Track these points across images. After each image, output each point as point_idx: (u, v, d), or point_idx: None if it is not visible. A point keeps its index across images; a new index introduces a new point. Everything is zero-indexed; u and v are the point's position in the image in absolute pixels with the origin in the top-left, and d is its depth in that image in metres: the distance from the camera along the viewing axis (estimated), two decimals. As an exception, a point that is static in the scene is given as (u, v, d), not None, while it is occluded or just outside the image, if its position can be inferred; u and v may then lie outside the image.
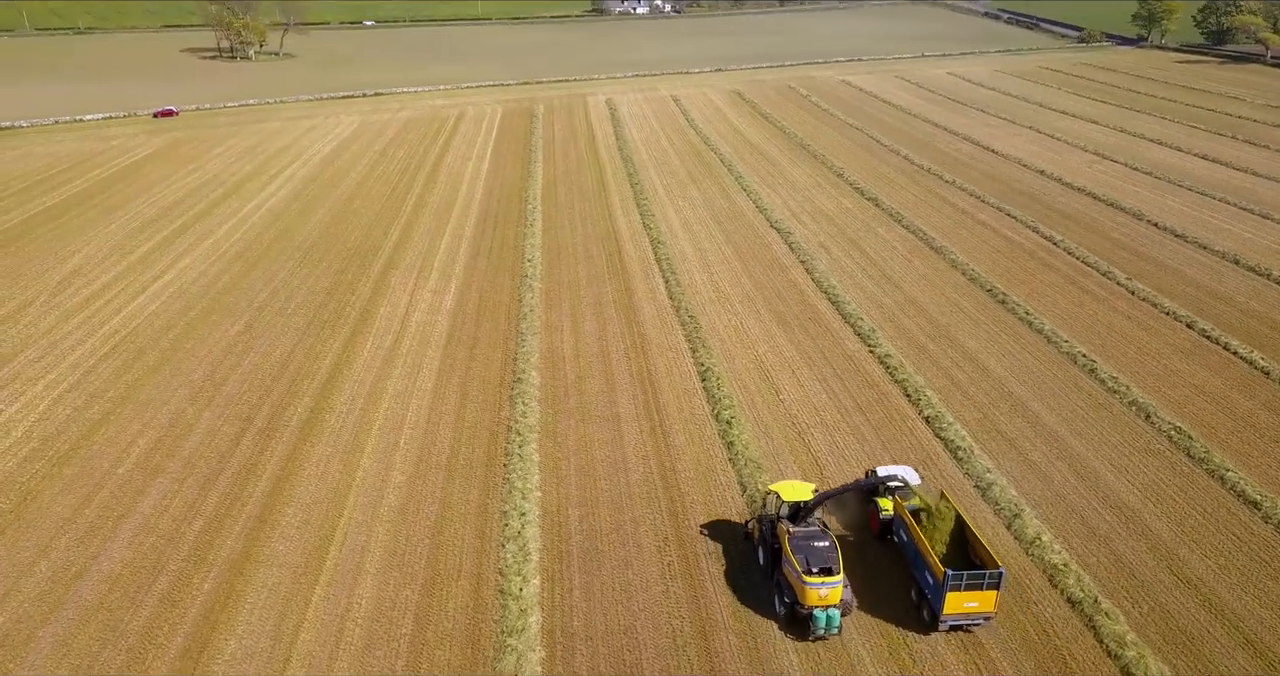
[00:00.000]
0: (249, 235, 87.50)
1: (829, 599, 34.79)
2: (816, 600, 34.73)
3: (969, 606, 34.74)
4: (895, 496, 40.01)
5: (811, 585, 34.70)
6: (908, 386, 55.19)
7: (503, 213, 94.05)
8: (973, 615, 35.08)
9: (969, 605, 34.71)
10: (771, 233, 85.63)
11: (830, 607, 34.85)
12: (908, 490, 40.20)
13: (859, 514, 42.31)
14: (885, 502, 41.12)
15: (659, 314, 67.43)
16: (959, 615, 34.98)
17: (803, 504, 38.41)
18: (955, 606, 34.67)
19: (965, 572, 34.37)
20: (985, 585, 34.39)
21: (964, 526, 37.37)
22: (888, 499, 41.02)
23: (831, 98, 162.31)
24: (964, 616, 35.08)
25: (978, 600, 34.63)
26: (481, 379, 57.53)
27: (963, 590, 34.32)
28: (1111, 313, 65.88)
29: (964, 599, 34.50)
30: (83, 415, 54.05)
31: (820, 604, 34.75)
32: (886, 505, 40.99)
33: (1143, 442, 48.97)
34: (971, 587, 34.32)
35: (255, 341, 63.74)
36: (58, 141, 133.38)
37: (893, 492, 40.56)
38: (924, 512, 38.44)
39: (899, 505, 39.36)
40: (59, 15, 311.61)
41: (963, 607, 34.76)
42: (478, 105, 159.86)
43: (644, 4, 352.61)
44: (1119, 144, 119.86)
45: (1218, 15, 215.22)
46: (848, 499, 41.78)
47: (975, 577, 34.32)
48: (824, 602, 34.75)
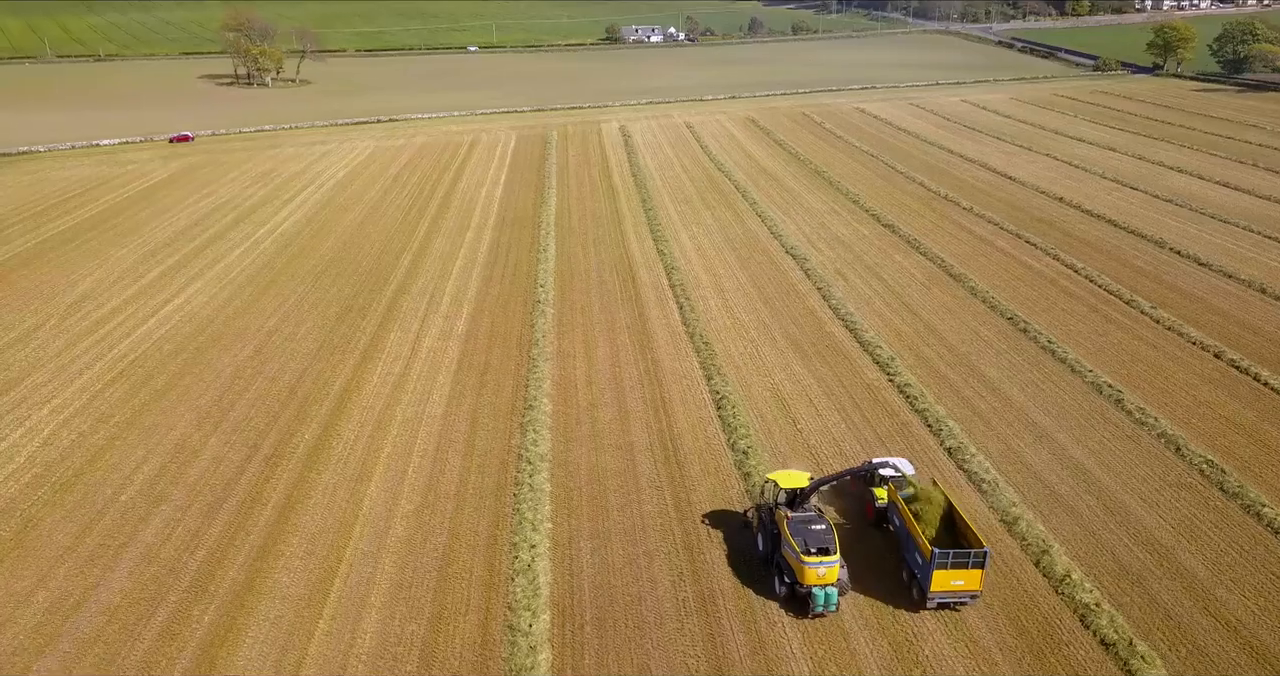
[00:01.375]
0: (260, 260, 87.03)
1: (827, 577, 36.68)
2: (815, 579, 36.55)
3: (956, 584, 36.63)
4: (890, 484, 41.93)
5: (810, 564, 36.50)
6: (929, 417, 53.80)
7: (516, 238, 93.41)
8: (959, 593, 36.93)
9: (956, 583, 36.59)
10: (787, 259, 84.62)
11: (828, 586, 36.74)
12: (902, 479, 42.02)
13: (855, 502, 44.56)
14: (880, 492, 43.14)
15: (673, 340, 66.33)
16: (946, 593, 36.88)
17: (799, 490, 40.34)
18: (943, 584, 36.58)
19: (951, 551, 36.24)
20: (971, 563, 36.26)
21: (954, 512, 39.26)
22: (882, 488, 43.01)
23: (846, 125, 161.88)
24: (951, 594, 36.95)
25: (964, 578, 36.49)
26: (492, 406, 56.45)
27: (949, 568, 36.17)
28: (1137, 342, 64.40)
29: (951, 577, 36.39)
30: (87, 440, 53.21)
31: (819, 582, 36.62)
32: (881, 494, 43.08)
33: (1174, 476, 47.37)
34: (958, 566, 36.18)
35: (264, 366, 62.92)
36: (74, 166, 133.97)
37: (887, 481, 42.47)
38: (916, 498, 40.04)
39: (893, 492, 41.21)
40: (81, 43, 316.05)
41: (950, 585, 36.64)
42: (492, 131, 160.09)
43: (658, 33, 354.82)
44: (1138, 171, 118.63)
45: (1234, 44, 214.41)
46: (844, 488, 44.60)
47: (961, 556, 36.20)
48: (822, 581, 36.64)
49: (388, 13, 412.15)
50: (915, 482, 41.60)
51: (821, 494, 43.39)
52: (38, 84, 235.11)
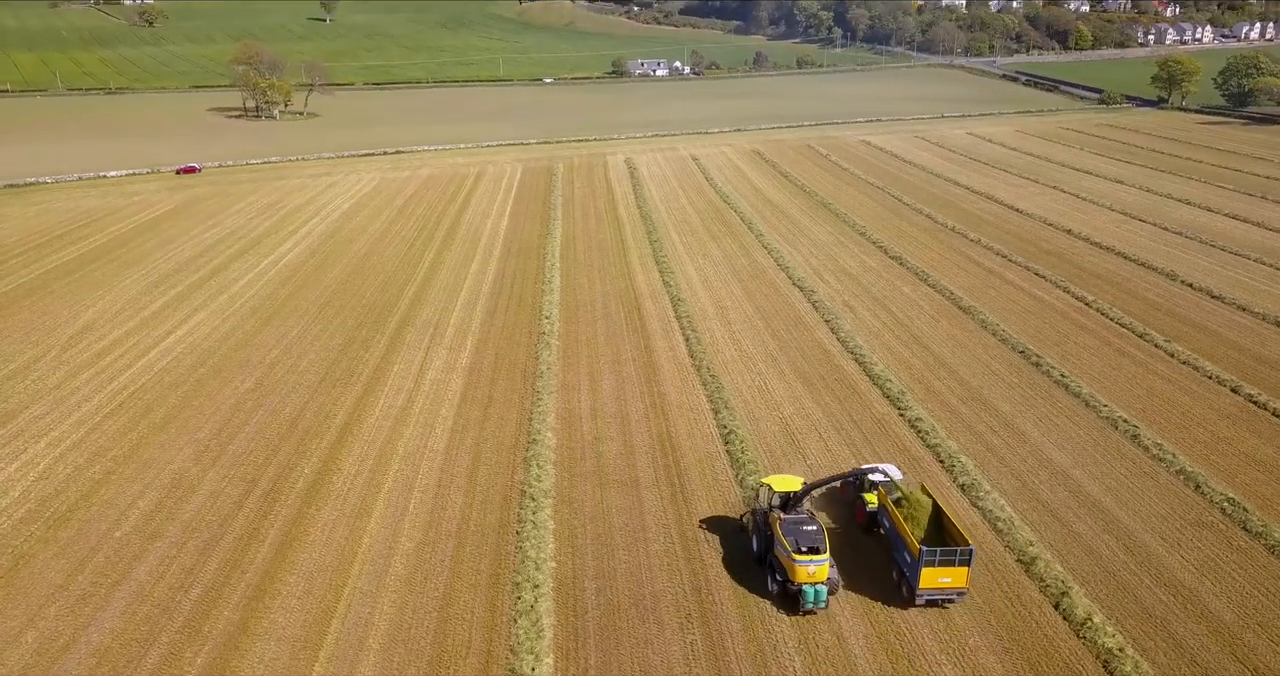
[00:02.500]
0: (264, 291, 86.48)
1: (816, 576, 38.10)
2: (805, 577, 38.00)
3: (943, 582, 38.16)
4: (879, 489, 44.04)
5: (800, 563, 37.98)
6: (941, 452, 52.70)
7: (521, 270, 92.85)
8: (946, 590, 38.44)
9: (943, 580, 38.12)
10: (794, 291, 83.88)
11: (818, 584, 38.11)
12: (891, 484, 43.66)
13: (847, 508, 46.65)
14: (870, 496, 44.94)
15: (679, 373, 65.41)
16: (934, 590, 38.37)
17: (792, 494, 41.98)
18: (931, 581, 38.08)
19: (939, 549, 37.96)
20: (957, 561, 37.91)
21: (941, 514, 41.16)
22: (872, 493, 44.82)
23: (851, 157, 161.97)
24: (939, 591, 38.42)
25: (951, 576, 38.03)
26: (495, 440, 55.45)
27: (937, 565, 37.68)
28: (1151, 376, 63.36)
29: (939, 574, 37.89)
30: (84, 474, 52.22)
31: (809, 580, 38.04)
32: (871, 498, 44.87)
33: (1194, 515, 46.16)
34: (945, 563, 37.74)
35: (265, 399, 62.04)
36: (80, 197, 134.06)
37: (876, 486, 44.45)
38: (904, 501, 41.82)
39: (882, 496, 43.38)
40: (91, 75, 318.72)
41: (937, 582, 38.15)
42: (497, 163, 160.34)
43: (663, 66, 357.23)
44: (1146, 204, 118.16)
45: (1238, 77, 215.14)
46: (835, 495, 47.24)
47: (948, 553, 37.85)
48: (812, 579, 38.06)
49: (395, 47, 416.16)
50: (904, 487, 43.37)
51: (814, 500, 45.27)
52: (48, 116, 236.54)
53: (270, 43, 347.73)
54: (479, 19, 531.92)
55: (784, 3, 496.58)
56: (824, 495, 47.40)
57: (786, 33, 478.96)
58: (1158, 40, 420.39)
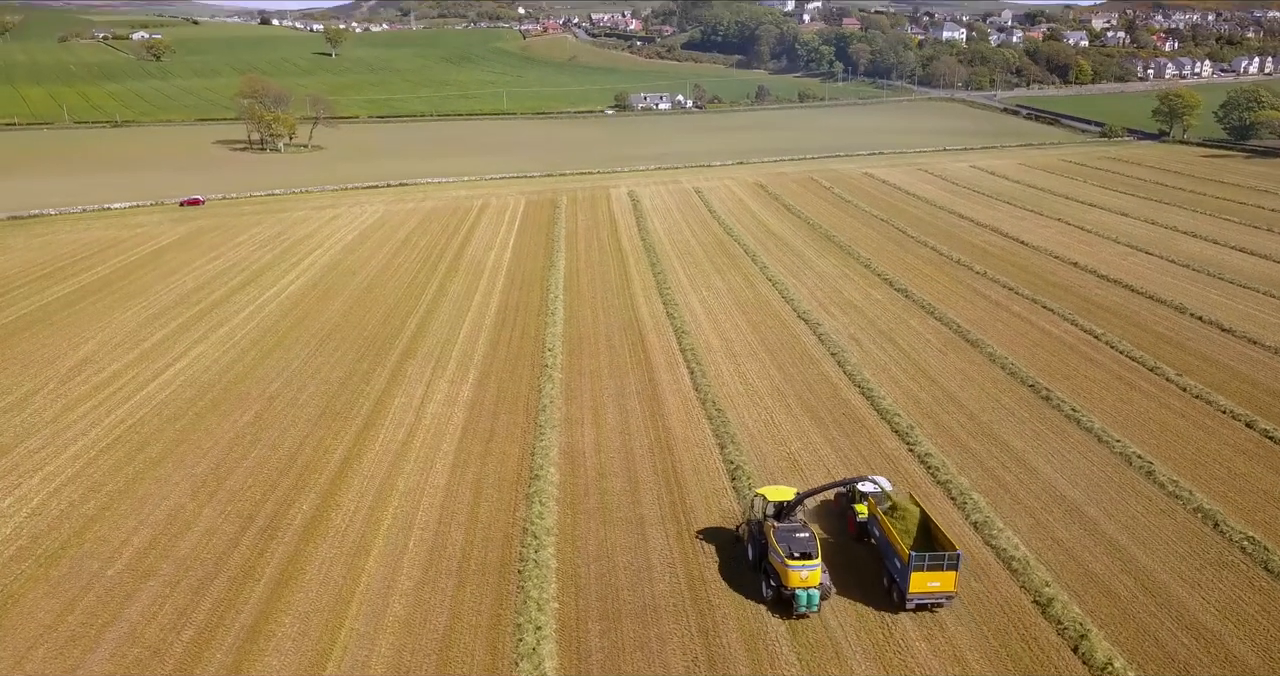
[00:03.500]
0: (265, 323, 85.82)
1: (809, 580, 39.68)
2: (798, 581, 39.58)
3: (932, 586, 39.54)
4: (870, 499, 45.36)
5: (793, 567, 39.58)
6: (952, 488, 51.63)
7: (524, 302, 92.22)
8: (936, 594, 39.82)
9: (932, 585, 39.51)
10: (800, 323, 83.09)
11: (810, 589, 39.68)
12: (882, 495, 45.37)
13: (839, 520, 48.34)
14: (861, 507, 46.43)
15: (684, 407, 64.47)
16: (924, 594, 39.75)
17: (785, 503, 43.51)
18: (920, 586, 39.49)
19: (927, 554, 39.17)
20: (945, 566, 39.22)
21: (929, 522, 42.68)
22: (863, 504, 46.27)
23: (855, 190, 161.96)
24: (928, 595, 39.82)
25: (940, 580, 39.42)
26: (497, 475, 54.45)
27: (925, 570, 39.04)
28: (1164, 410, 62.35)
29: (928, 579, 39.29)
30: (78, 510, 51.24)
31: (801, 585, 39.62)
32: (862, 509, 46.34)
33: (1214, 554, 45.00)
34: (934, 568, 39.08)
35: (264, 433, 61.13)
36: (84, 229, 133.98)
37: (867, 497, 45.80)
38: (894, 510, 43.53)
39: (873, 506, 44.84)
40: (98, 109, 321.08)
41: (927, 587, 39.53)
42: (501, 196, 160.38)
43: (666, 100, 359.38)
44: (1152, 236, 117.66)
45: (1239, 111, 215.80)
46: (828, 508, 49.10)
47: (936, 558, 39.16)
48: (804, 584, 39.64)
49: (400, 81, 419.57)
50: (894, 497, 45.12)
51: (808, 512, 46.92)
52: (53, 149, 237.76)
53: (276, 77, 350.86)
54: (483, 54, 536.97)
55: (785, 37, 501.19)
56: (817, 508, 49.45)
57: (788, 67, 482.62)
58: (1157, 74, 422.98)
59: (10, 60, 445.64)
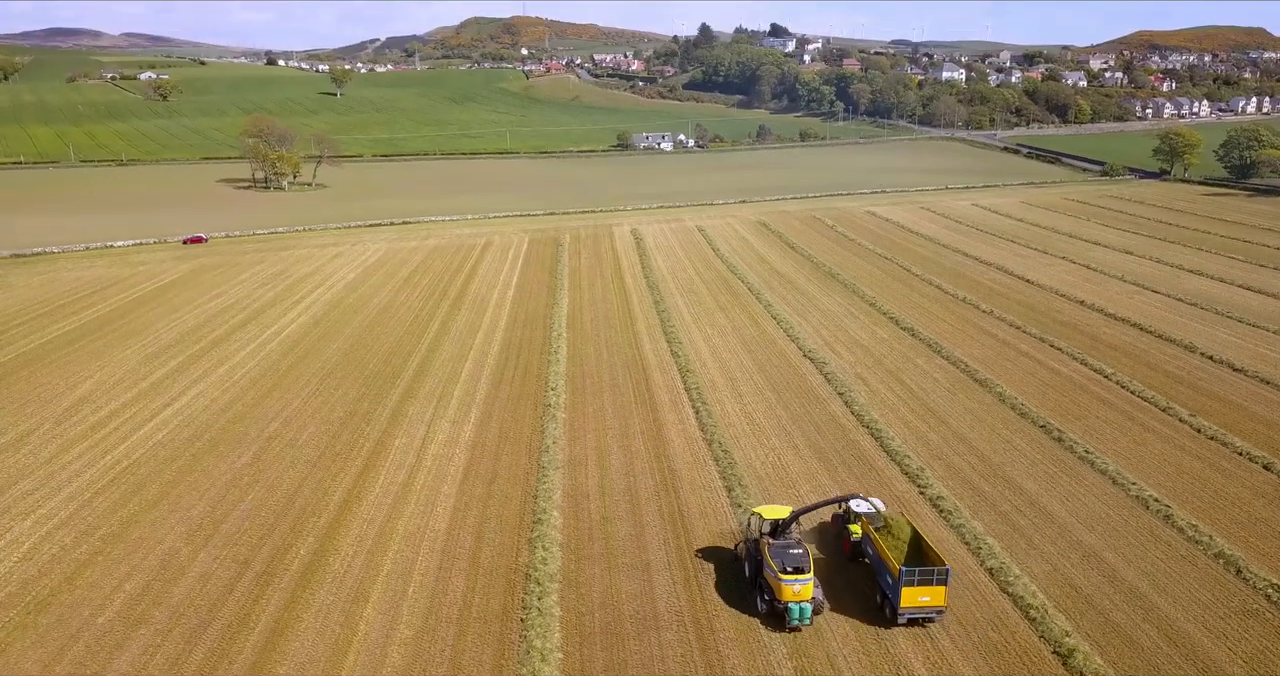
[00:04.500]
0: (266, 362, 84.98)
1: (801, 594, 41.01)
2: (791, 595, 40.93)
3: (923, 600, 40.63)
4: (863, 519, 46.59)
5: (786, 581, 40.99)
6: (965, 533, 50.38)
7: (527, 340, 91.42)
8: (927, 609, 40.87)
9: (923, 599, 40.62)
10: (805, 362, 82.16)
11: (802, 602, 40.91)
12: (876, 515, 46.28)
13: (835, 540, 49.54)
14: (855, 527, 47.67)
15: (690, 447, 63.35)
16: (915, 608, 40.83)
17: (780, 521, 44.94)
18: (911, 600, 40.58)
19: (918, 568, 40.38)
20: (935, 580, 40.35)
21: (920, 539, 43.95)
22: (857, 524, 47.46)
23: (858, 228, 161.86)
24: (919, 610, 40.85)
25: (930, 595, 40.55)
26: (499, 518, 53.24)
27: (916, 585, 40.19)
28: (1179, 452, 61.18)
29: (918, 593, 40.41)
30: (70, 555, 50.04)
31: (794, 599, 40.92)
32: (856, 529, 47.54)
33: (1238, 602, 43.65)
34: (924, 582, 40.24)
35: (262, 474, 60.01)
36: (86, 267, 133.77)
37: (860, 517, 46.94)
38: (886, 528, 44.93)
39: (865, 525, 46.14)
40: (105, 147, 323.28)
41: (918, 601, 40.63)
42: (504, 234, 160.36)
43: (668, 140, 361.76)
44: (1158, 274, 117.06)
45: (1240, 150, 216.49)
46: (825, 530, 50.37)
47: (926, 573, 40.33)
48: (797, 598, 40.93)
49: (405, 120, 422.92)
50: (887, 516, 46.35)
51: (806, 534, 48.94)
52: (59, 188, 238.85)
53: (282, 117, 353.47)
54: (487, 94, 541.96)
55: (786, 78, 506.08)
56: (815, 529, 50.93)
57: (789, 107, 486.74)
58: (1155, 114, 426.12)
59: (19, 100, 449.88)
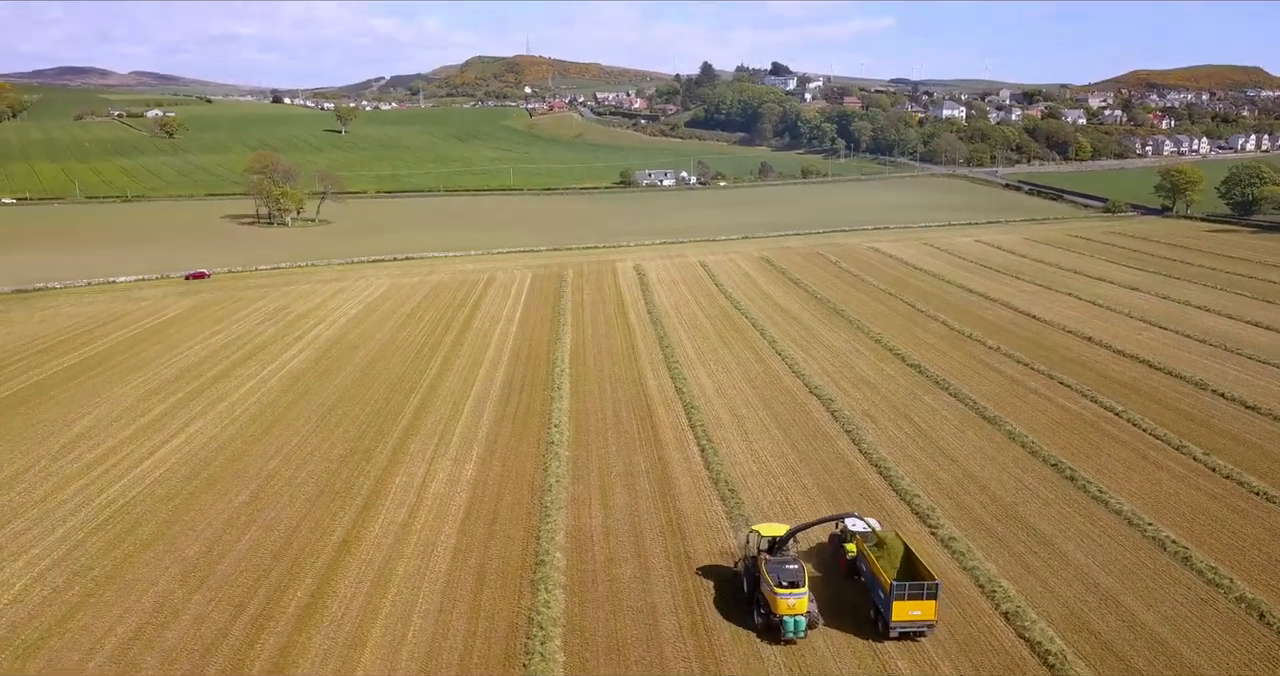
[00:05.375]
0: (266, 398, 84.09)
1: (796, 608, 42.45)
2: (785, 609, 42.40)
3: (914, 615, 42.24)
4: (858, 537, 48.15)
5: (781, 595, 42.50)
6: (979, 575, 49.14)
7: (530, 376, 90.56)
8: (918, 623, 42.44)
9: (914, 613, 42.21)
10: (812, 399, 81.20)
11: (797, 616, 42.37)
12: (871, 534, 47.74)
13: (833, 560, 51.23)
14: (851, 546, 49.41)
15: (696, 486, 62.24)
16: (906, 622, 42.37)
17: (777, 538, 46.59)
18: (902, 614, 42.19)
19: (908, 583, 42.07)
20: (925, 595, 41.97)
21: (912, 557, 45.22)
22: (852, 543, 49.18)
23: (861, 264, 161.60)
24: (910, 624, 42.39)
25: (920, 609, 42.15)
26: (501, 560, 52.06)
27: (907, 599, 41.76)
28: (1194, 492, 60.02)
29: (909, 607, 41.98)
30: (61, 596, 48.85)
31: (789, 612, 42.40)
32: (852, 548, 49.25)
33: (1262, 648, 42.38)
34: (914, 597, 41.81)
35: (259, 514, 58.89)
36: (88, 302, 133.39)
37: (855, 536, 48.67)
38: (880, 546, 46.37)
39: (860, 544, 47.69)
40: (110, 184, 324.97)
41: (909, 615, 42.21)
42: (507, 270, 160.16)
43: (670, 176, 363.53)
44: (1165, 311, 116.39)
45: (1242, 186, 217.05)
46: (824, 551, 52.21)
47: (916, 587, 41.97)
48: (791, 611, 42.42)
49: (408, 157, 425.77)
50: (881, 534, 47.67)
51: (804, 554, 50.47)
52: (63, 223, 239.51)
53: (287, 153, 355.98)
54: (491, 131, 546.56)
55: (787, 115, 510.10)
56: (813, 549, 52.57)
57: (790, 144, 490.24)
58: (1155, 151, 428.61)
59: (27, 138, 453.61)
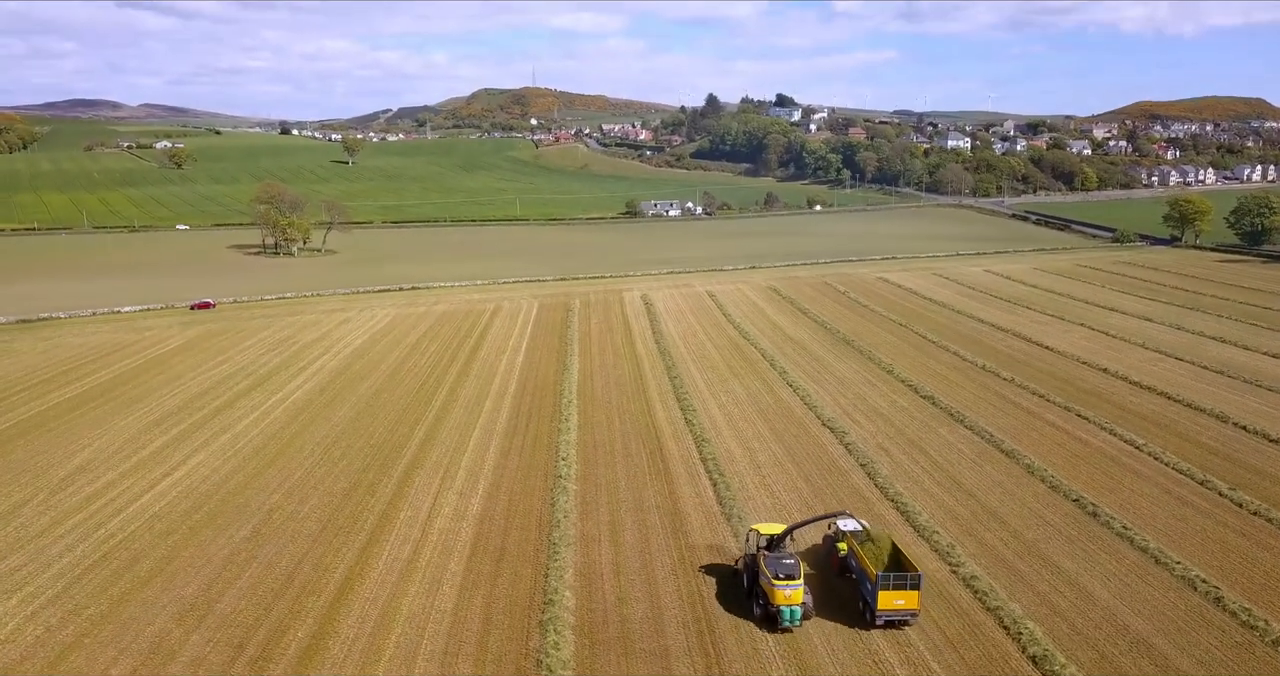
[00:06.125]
0: (269, 430, 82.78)
1: (792, 598, 45.75)
2: (782, 599, 45.69)
3: (898, 604, 45.36)
4: (849, 536, 51.30)
5: (778, 586, 45.79)
6: (1003, 616, 47.37)
7: (536, 407, 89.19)
8: (902, 611, 45.57)
9: (898, 602, 45.33)
10: (825, 432, 79.69)
11: (793, 606, 45.73)
12: (862, 533, 50.59)
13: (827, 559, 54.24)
14: (842, 545, 52.33)
15: (709, 523, 60.61)
16: (891, 611, 45.54)
17: (775, 536, 49.98)
18: (888, 603, 45.34)
19: (892, 573, 45.32)
20: (909, 585, 45.09)
21: (898, 552, 48.60)
22: (844, 542, 52.06)
23: (870, 294, 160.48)
24: (895, 612, 45.57)
25: (904, 598, 45.27)
26: (508, 599, 50.42)
27: (891, 589, 44.95)
28: (1222, 528, 58.26)
29: (894, 597, 45.16)
30: (54, 637, 47.27)
31: (785, 602, 45.70)
32: (844, 547, 52.13)
33: (1304, 695, 40.51)
34: (898, 587, 45.03)
35: (260, 549, 57.36)
36: (91, 332, 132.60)
37: (846, 535, 51.62)
38: (869, 542, 49.31)
39: (850, 541, 50.85)
40: (117, 214, 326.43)
41: (893, 605, 45.36)
42: (514, 300, 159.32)
43: (676, 207, 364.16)
44: (1179, 341, 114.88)
45: (1251, 216, 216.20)
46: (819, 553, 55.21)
47: (900, 578, 45.16)
48: (788, 601, 45.71)
49: (414, 187, 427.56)
50: (871, 532, 50.67)
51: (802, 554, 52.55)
52: (70, 253, 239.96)
53: (294, 184, 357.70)
54: (497, 162, 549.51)
55: (792, 146, 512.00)
56: (810, 549, 55.29)
57: (796, 174, 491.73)
58: (1161, 182, 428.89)
59: (36, 169, 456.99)
